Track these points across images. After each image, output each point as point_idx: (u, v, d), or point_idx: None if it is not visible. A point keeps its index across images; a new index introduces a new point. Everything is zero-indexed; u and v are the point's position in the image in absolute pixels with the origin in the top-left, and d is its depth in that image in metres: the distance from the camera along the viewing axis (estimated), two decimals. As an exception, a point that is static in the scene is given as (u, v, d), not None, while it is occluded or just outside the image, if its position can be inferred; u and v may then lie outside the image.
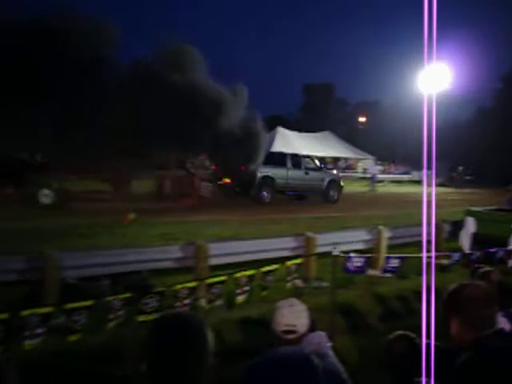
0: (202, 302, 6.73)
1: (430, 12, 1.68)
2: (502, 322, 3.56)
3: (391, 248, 11.52)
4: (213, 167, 24.62)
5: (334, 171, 29.49)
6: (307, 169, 25.65)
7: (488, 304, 2.38)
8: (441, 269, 9.89)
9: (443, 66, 36.19)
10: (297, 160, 25.88)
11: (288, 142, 47.29)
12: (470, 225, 12.26)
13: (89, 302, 5.06)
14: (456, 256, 8.99)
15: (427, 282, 2.50)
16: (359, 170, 51.81)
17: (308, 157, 27.74)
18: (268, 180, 23.90)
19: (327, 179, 26.07)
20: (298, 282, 9.48)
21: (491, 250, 9.36)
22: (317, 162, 27.27)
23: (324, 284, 9.18)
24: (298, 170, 25.24)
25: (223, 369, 5.02)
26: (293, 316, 3.16)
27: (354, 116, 73.90)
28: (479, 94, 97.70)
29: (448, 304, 2.46)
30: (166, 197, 21.49)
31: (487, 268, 4.03)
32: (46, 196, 18.89)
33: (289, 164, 25.09)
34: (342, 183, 27.07)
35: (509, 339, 2.44)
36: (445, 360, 2.25)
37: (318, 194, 25.86)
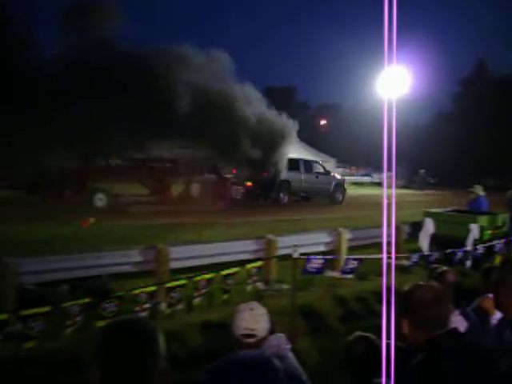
0: (163, 306, 6.67)
1: (390, 15, 1.69)
2: (459, 321, 3.63)
3: (352, 250, 11.64)
4: (233, 171, 26.59)
5: (338, 176, 30.75)
6: (317, 173, 27.98)
7: (439, 304, 2.40)
8: (401, 270, 10.05)
9: (403, 69, 36.60)
10: (308, 165, 28.09)
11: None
12: (429, 226, 12.44)
13: (46, 308, 4.97)
14: (415, 257, 9.12)
15: (387, 283, 2.53)
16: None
17: (317, 162, 29.87)
18: (285, 183, 26.18)
19: (333, 182, 28.46)
20: (259, 285, 9.49)
21: (450, 251, 9.53)
22: (325, 167, 29.47)
23: (285, 286, 9.20)
24: (310, 174, 27.52)
25: (185, 372, 5.01)
26: (253, 320, 3.14)
27: (315, 119, 74.35)
28: (439, 98, 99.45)
29: (400, 305, 2.48)
30: (202, 200, 23.17)
31: (444, 268, 4.09)
32: (100, 200, 21.12)
33: (302, 169, 27.24)
34: (345, 186, 29.65)
35: (461, 339, 2.47)
36: (403, 360, 2.27)
37: (325, 196, 27.92)
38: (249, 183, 25.60)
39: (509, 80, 57.67)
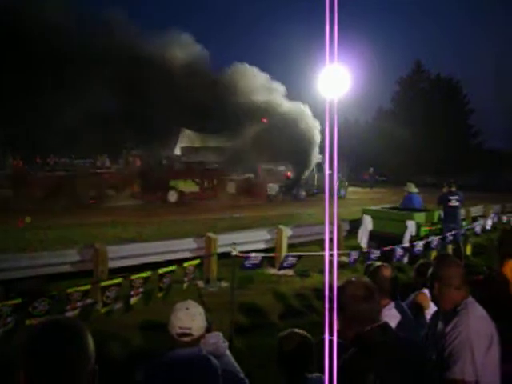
0: (98, 306, 6.55)
1: (332, 15, 1.70)
2: (394, 315, 3.70)
3: (293, 247, 11.74)
4: (288, 174, 31.23)
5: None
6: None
7: (370, 300, 2.43)
8: (342, 266, 10.20)
9: (343, 67, 37.14)
10: (320, 165, 30.57)
11: (192, 143, 47.13)
12: (367, 223, 12.66)
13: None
14: (354, 254, 9.25)
15: (330, 280, 2.54)
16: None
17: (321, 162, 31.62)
18: (304, 182, 30.82)
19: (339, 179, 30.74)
20: (200, 283, 9.47)
21: (388, 248, 9.72)
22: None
23: (225, 284, 9.20)
24: (321, 172, 30.78)
25: (121, 373, 4.94)
26: (188, 319, 3.14)
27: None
28: (379, 96, 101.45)
29: (320, 299, 2.51)
30: (236, 196, 26.58)
31: (378, 264, 4.15)
32: (172, 196, 25.06)
33: (315, 169, 30.95)
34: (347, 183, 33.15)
35: (391, 333, 2.52)
36: (338, 356, 2.30)
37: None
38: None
39: (444, 79, 59.55)
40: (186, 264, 6.96)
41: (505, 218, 17.59)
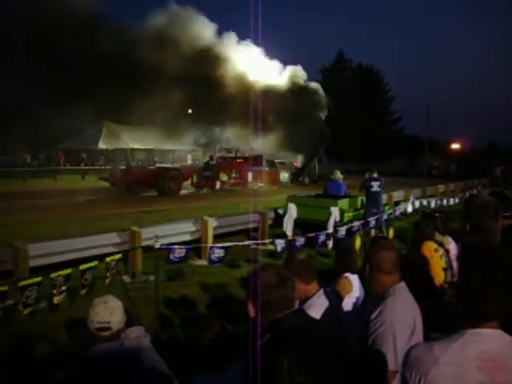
0: (20, 307, 6.31)
1: (256, 7, 1.67)
2: (321, 301, 3.74)
3: (219, 237, 11.72)
4: (295, 163, 38.67)
5: None
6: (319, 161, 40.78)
7: (283, 287, 2.43)
8: (270, 255, 10.26)
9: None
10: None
11: (115, 135, 46.31)
12: (292, 211, 12.76)
13: None
14: (280, 242, 9.29)
15: (255, 269, 2.52)
16: (189, 161, 52.13)
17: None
18: (308, 170, 37.89)
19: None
20: (125, 278, 9.32)
21: (312, 234, 9.83)
22: None
23: (152, 278, 9.07)
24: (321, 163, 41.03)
25: (48, 373, 4.80)
26: (107, 313, 3.13)
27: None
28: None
29: (246, 288, 2.50)
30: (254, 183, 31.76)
31: (295, 250, 4.18)
32: (217, 185, 30.30)
33: (316, 160, 39.23)
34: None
35: (305, 318, 2.53)
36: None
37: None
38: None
39: (365, 68, 60.79)
40: (107, 259, 6.79)
41: (425, 202, 18.23)
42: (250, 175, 32.21)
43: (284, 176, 35.35)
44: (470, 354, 1.95)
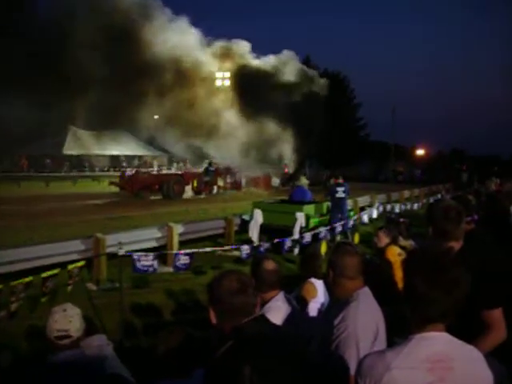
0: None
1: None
2: (280, 306, 3.73)
3: (185, 243, 11.64)
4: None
5: None
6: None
7: (245, 293, 2.42)
8: (236, 261, 10.23)
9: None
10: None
11: (80, 140, 45.88)
12: (258, 217, 12.75)
13: None
14: (246, 248, 9.28)
15: (216, 275, 2.51)
16: (155, 167, 51.80)
17: None
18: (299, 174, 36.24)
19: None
20: (90, 285, 9.19)
21: (278, 240, 9.85)
22: None
23: (117, 285, 8.97)
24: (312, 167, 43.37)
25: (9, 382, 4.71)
26: (65, 321, 3.10)
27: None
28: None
29: (208, 295, 2.49)
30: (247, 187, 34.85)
31: (262, 256, 4.18)
32: (215, 189, 32.54)
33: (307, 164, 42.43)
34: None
35: (268, 325, 2.52)
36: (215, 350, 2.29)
37: None
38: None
39: (331, 74, 61.19)
40: (70, 266, 6.68)
41: (389, 207, 18.45)
42: (243, 181, 35.15)
43: (275, 181, 37.44)
44: (420, 358, 2.01)
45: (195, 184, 31.23)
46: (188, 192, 30.24)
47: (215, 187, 32.75)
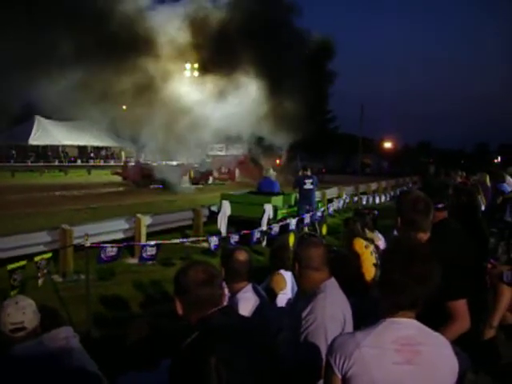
0: None
1: None
2: (249, 297, 3.75)
3: (152, 235, 11.58)
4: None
5: None
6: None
7: (211, 284, 2.43)
8: (205, 252, 10.23)
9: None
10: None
11: (46, 130, 45.16)
12: (226, 208, 12.73)
13: None
14: (214, 239, 9.27)
15: (182, 266, 2.51)
16: (123, 158, 51.19)
17: None
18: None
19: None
20: (56, 277, 9.09)
21: (247, 232, 9.86)
22: None
23: (83, 277, 8.88)
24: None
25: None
26: (19, 313, 3.07)
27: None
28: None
29: (174, 286, 2.50)
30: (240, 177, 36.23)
31: (234, 247, 4.18)
32: (210, 180, 35.33)
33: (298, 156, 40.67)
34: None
35: (233, 316, 2.55)
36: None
37: None
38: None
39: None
40: (36, 258, 6.58)
41: (357, 199, 18.65)
42: (237, 171, 36.91)
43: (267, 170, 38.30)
44: (389, 339, 2.11)
45: (192, 175, 32.95)
46: (186, 182, 31.02)
47: (211, 178, 34.85)
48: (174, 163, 33.61)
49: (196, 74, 29.95)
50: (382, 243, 5.77)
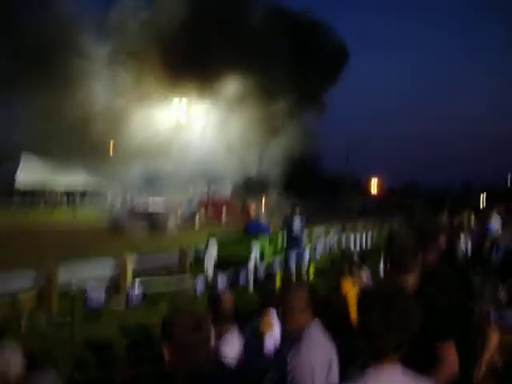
0: None
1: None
2: (234, 339, 3.74)
3: (139, 276, 11.45)
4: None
5: None
6: None
7: (199, 331, 2.45)
8: (191, 293, 10.13)
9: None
10: None
11: (33, 169, 44.95)
12: (212, 249, 12.64)
13: None
14: (202, 281, 9.23)
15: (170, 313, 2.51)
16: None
17: None
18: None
19: None
20: (41, 319, 8.95)
21: (233, 273, 9.83)
22: None
23: (69, 319, 8.75)
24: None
25: None
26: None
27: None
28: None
29: (161, 332, 2.50)
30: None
31: (219, 290, 4.20)
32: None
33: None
34: None
35: (219, 365, 2.55)
36: None
37: None
38: None
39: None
40: (21, 297, 6.49)
41: (344, 238, 18.70)
42: (223, 212, 37.55)
43: (255, 209, 38.80)
44: None
45: (179, 214, 33.18)
46: (172, 223, 31.03)
47: (197, 219, 34.58)
48: (160, 199, 33.81)
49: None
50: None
